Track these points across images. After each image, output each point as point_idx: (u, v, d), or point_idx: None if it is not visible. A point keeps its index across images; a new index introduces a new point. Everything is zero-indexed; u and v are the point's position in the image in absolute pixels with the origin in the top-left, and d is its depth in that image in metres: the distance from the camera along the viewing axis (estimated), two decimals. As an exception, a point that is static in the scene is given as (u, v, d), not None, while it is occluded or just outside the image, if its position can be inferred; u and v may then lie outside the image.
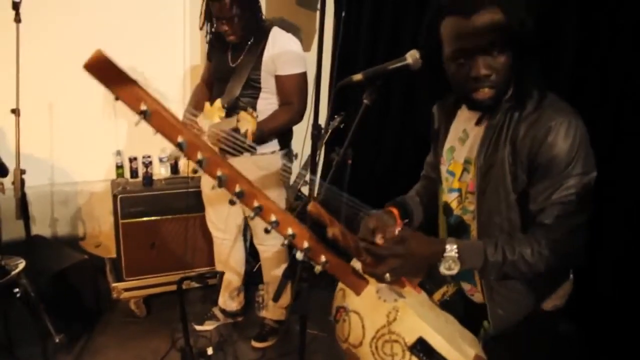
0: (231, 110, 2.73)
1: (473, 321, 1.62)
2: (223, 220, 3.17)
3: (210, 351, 2.86)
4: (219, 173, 1.31)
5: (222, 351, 3.13)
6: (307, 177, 3.66)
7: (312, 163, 3.02)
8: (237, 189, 1.34)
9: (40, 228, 3.64)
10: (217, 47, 2.97)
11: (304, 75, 2.85)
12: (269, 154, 2.91)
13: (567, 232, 1.38)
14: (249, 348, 3.19)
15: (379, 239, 1.41)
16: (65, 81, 3.42)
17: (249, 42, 2.81)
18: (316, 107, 3.49)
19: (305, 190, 3.75)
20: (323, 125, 3.30)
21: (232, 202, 1.36)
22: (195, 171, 1.35)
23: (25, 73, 3.02)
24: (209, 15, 2.79)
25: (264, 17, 2.91)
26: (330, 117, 3.42)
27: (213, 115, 2.79)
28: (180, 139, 1.26)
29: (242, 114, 2.55)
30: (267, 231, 1.38)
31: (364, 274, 1.48)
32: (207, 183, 3.19)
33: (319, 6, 3.39)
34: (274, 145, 2.90)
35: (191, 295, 3.62)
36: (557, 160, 1.36)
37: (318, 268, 1.46)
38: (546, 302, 1.61)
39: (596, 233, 1.68)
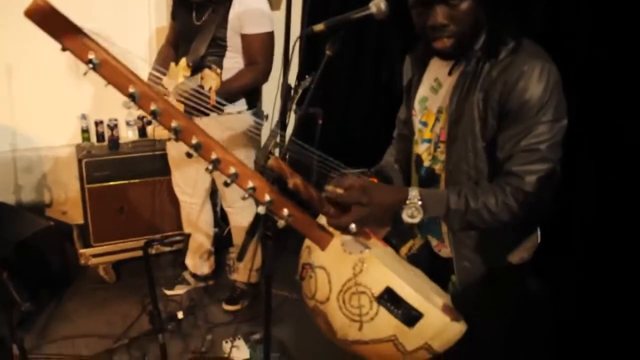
0: (196, 70, 2.66)
1: (440, 276, 1.60)
2: (191, 184, 3.11)
3: (180, 315, 2.84)
4: (173, 124, 1.28)
5: (193, 315, 3.11)
6: (278, 139, 3.60)
7: (281, 123, 2.97)
8: (194, 140, 1.30)
9: (4, 195, 3.52)
10: (181, 5, 2.88)
11: (270, 35, 2.78)
12: (236, 114, 2.84)
13: (534, 181, 1.34)
14: (220, 311, 3.17)
15: (339, 189, 1.37)
16: (25, 42, 3.27)
17: (215, 0, 2.72)
18: (286, 66, 3.42)
19: (277, 152, 3.70)
20: (293, 85, 3.25)
21: (189, 155, 1.32)
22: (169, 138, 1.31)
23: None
24: None
25: None
26: (300, 76, 3.36)
27: (178, 75, 2.71)
28: (132, 89, 1.22)
29: (207, 71, 2.49)
30: (226, 184, 1.34)
31: (329, 226, 1.44)
32: (173, 146, 3.10)
33: (286, -39, 3.31)
34: (240, 104, 2.83)
35: (162, 260, 3.57)
36: (529, 105, 1.33)
37: (281, 222, 1.42)
38: (513, 254, 1.60)
39: (566, 189, 1.67)
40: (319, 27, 1.49)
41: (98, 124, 3.46)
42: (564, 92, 1.38)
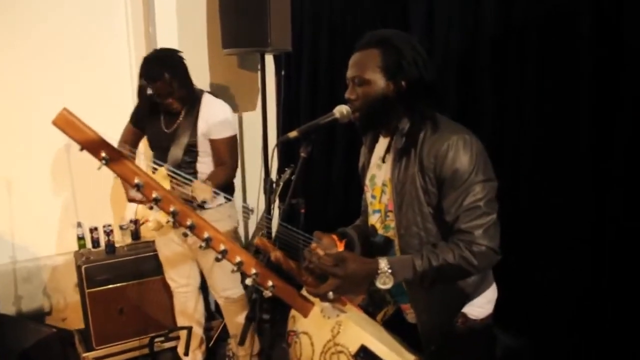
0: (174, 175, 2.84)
1: (411, 342, 1.74)
2: (185, 276, 3.28)
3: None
4: (172, 208, 1.49)
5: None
6: (265, 230, 3.78)
7: (267, 215, 3.16)
8: (189, 222, 1.52)
9: (5, 306, 3.63)
10: (147, 114, 3.08)
11: (234, 137, 3.07)
12: (216, 207, 3.05)
13: (481, 234, 1.55)
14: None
15: (320, 251, 1.57)
16: (21, 158, 3.54)
17: (184, 109, 2.98)
18: (266, 162, 3.68)
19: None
20: (275, 179, 3.48)
21: (185, 235, 1.54)
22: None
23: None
24: (145, 95, 2.88)
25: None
26: (280, 170, 3.58)
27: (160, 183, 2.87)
28: (137, 180, 1.47)
29: (196, 183, 2.63)
30: (217, 260, 1.54)
31: (308, 294, 1.62)
32: (164, 245, 3.25)
33: (259, 67, 3.63)
34: (219, 198, 3.01)
35: (162, 357, 3.64)
36: (460, 172, 1.56)
37: (267, 292, 1.60)
38: (473, 309, 1.76)
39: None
40: (293, 134, 1.74)
41: (93, 230, 3.64)
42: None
